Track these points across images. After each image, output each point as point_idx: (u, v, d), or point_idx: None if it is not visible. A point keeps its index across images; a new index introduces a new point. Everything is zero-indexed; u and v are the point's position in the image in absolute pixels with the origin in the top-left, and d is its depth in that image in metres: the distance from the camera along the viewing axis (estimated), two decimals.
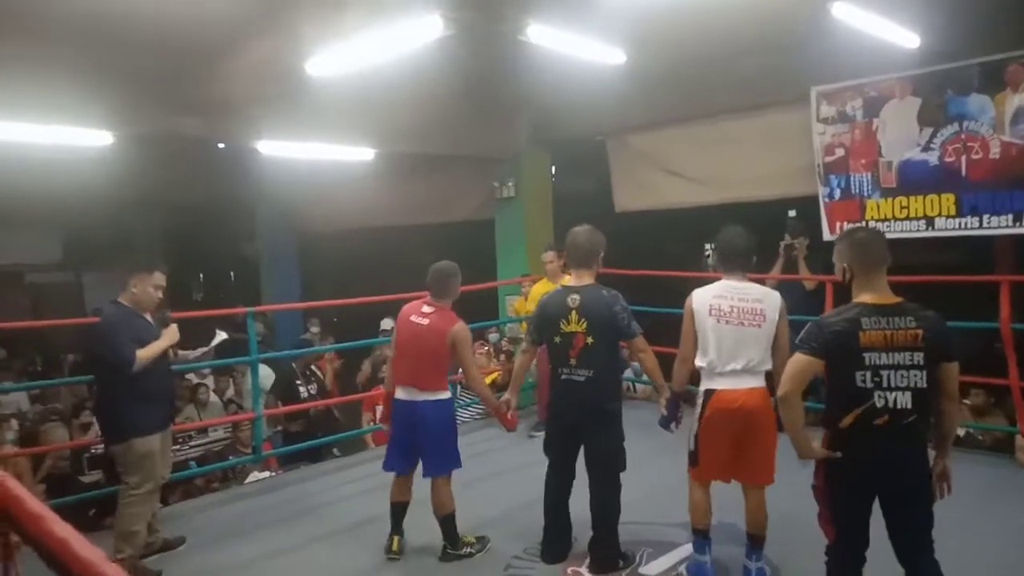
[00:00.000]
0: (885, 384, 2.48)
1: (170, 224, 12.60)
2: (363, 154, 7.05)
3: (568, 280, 3.79)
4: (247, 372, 6.09)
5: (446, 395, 3.76)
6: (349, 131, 6.30)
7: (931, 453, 2.66)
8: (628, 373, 6.71)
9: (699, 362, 3.24)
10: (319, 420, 6.14)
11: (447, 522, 3.75)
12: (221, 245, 13.37)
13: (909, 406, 2.48)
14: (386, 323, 7.80)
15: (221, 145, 7.09)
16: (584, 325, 3.39)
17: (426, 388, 3.67)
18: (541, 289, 5.47)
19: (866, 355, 2.48)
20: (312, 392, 6.23)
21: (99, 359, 3.70)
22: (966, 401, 5.39)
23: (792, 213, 5.92)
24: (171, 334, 3.83)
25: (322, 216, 10.90)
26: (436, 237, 9.43)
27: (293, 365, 5.58)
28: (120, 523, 3.67)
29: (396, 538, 3.81)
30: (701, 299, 3.24)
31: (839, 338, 2.50)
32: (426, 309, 3.75)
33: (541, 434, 3.95)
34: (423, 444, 3.69)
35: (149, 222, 12.39)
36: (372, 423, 6.44)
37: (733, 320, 3.15)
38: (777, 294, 3.26)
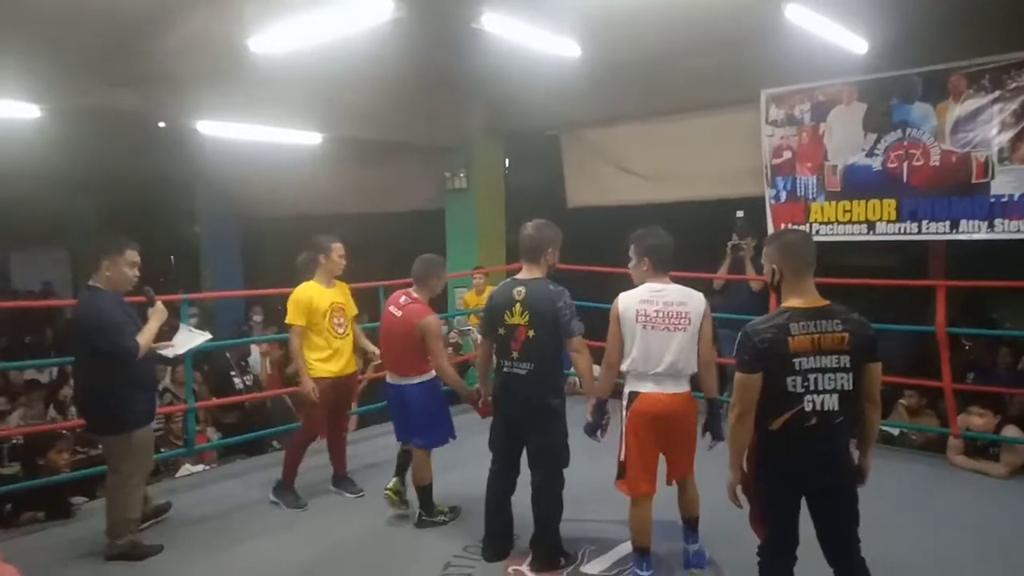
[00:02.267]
0: (813, 387, 2.50)
1: (104, 202, 12.05)
2: (309, 138, 6.84)
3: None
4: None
5: (429, 376, 3.92)
6: (294, 113, 6.10)
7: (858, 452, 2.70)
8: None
9: (624, 365, 3.22)
10: (255, 412, 5.94)
11: (424, 492, 3.98)
12: (160, 227, 12.87)
13: (836, 408, 2.51)
14: None
15: (161, 124, 6.77)
16: (527, 318, 3.34)
17: (407, 374, 3.93)
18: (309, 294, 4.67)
19: (796, 360, 2.49)
20: (248, 383, 6.03)
21: (96, 350, 3.49)
22: (902, 401, 5.54)
23: (740, 214, 5.98)
24: (159, 313, 3.73)
25: (267, 201, 10.58)
26: (386, 226, 9.26)
27: (228, 356, 5.37)
28: (115, 512, 3.67)
29: (395, 479, 4.12)
30: (627, 304, 3.21)
31: (771, 346, 2.50)
32: (403, 300, 3.96)
33: None
34: (412, 421, 3.97)
35: (82, 200, 11.82)
36: None
37: (659, 325, 3.14)
38: (700, 295, 3.24)
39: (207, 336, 4.20)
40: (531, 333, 3.33)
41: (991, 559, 3.53)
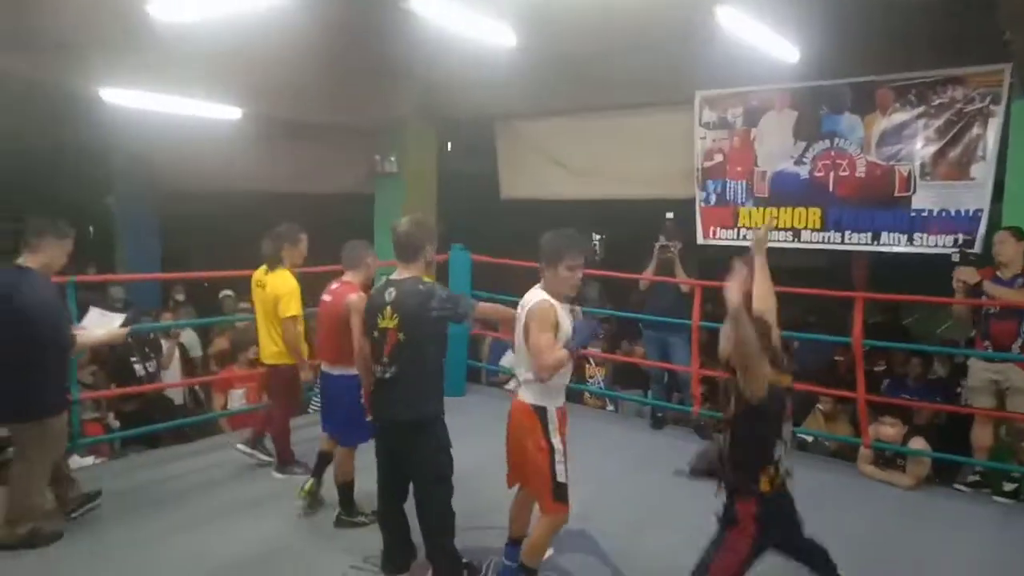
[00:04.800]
0: None
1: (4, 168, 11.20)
2: (227, 112, 6.47)
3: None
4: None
5: (352, 371, 3.70)
6: (206, 85, 5.74)
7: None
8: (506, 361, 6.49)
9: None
10: (156, 401, 5.61)
11: (344, 490, 3.91)
12: (69, 199, 12.09)
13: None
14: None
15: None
16: (396, 321, 3.17)
17: (334, 362, 3.92)
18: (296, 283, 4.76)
19: None
20: (151, 370, 5.68)
21: (34, 335, 3.43)
22: (819, 406, 5.61)
23: (669, 215, 5.94)
24: (115, 334, 3.96)
25: (189, 175, 10.06)
26: (314, 208, 8.92)
27: (130, 340, 5.03)
28: (18, 499, 3.55)
29: (311, 480, 4.07)
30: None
31: None
32: (333, 286, 3.99)
33: None
34: (331, 414, 3.98)
35: None
36: (225, 407, 6.06)
37: (520, 330, 3.12)
38: (540, 296, 3.10)
39: (120, 318, 4.06)
40: (401, 337, 3.15)
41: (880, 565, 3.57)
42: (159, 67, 5.24)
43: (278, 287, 4.41)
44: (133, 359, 5.52)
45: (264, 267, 4.55)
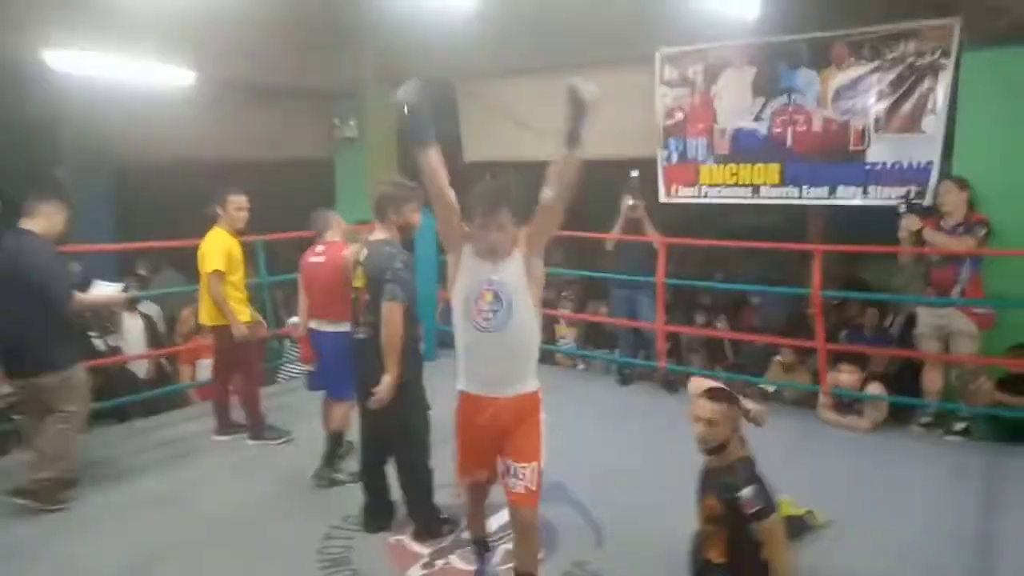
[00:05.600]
0: None
1: None
2: (180, 76, 6.28)
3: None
4: None
5: (344, 327, 3.73)
6: (155, 47, 5.53)
7: None
8: None
9: None
10: (120, 376, 5.53)
11: (332, 440, 4.01)
12: (20, 170, 11.64)
13: None
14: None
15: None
16: (364, 281, 3.27)
17: (330, 317, 3.94)
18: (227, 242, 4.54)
19: None
20: (112, 344, 5.59)
21: (42, 293, 3.61)
22: (777, 358, 5.80)
23: (634, 173, 5.98)
24: (115, 297, 4.41)
25: (142, 145, 9.75)
26: (272, 176, 8.76)
27: (87, 315, 4.94)
28: (51, 446, 3.68)
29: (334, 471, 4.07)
30: None
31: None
32: (319, 248, 4.13)
33: None
34: (325, 369, 4.01)
35: None
36: (192, 379, 6.00)
37: None
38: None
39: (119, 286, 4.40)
40: (367, 297, 3.24)
41: (848, 502, 3.75)
42: (107, 28, 5.04)
43: (204, 245, 4.50)
44: (92, 334, 5.41)
45: None
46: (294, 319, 4.27)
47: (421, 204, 3.40)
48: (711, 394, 2.49)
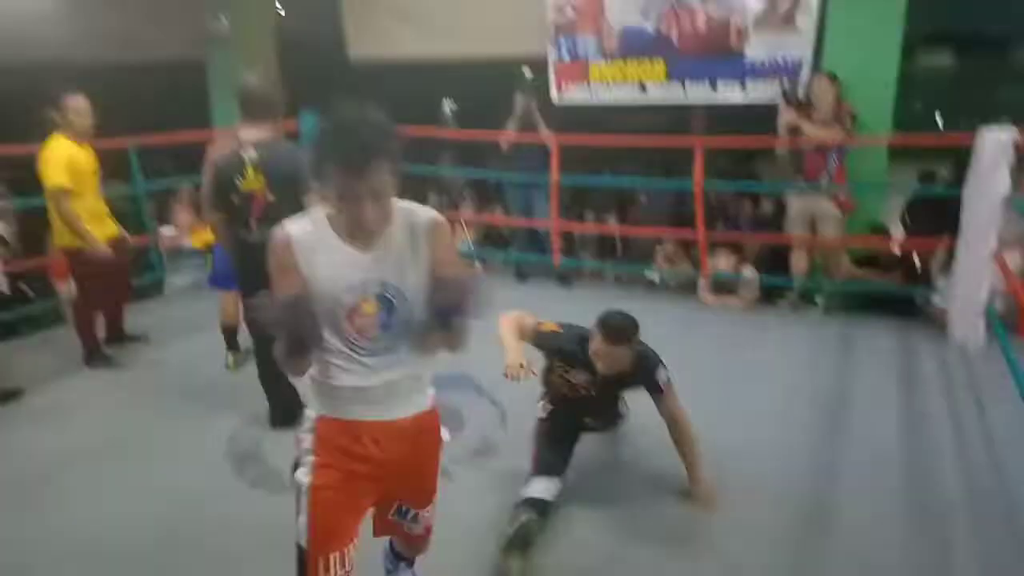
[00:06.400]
0: None
1: None
2: None
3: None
4: None
5: None
6: None
7: None
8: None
9: None
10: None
11: (225, 332, 4.22)
12: None
13: None
14: None
15: None
16: (262, 181, 3.15)
17: None
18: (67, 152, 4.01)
19: None
20: None
21: None
22: (662, 248, 6.13)
23: (527, 70, 5.97)
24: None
25: None
26: (141, 79, 8.11)
27: None
28: None
29: (231, 354, 4.26)
30: None
31: None
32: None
33: None
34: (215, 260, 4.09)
35: None
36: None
37: None
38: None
39: None
40: (270, 197, 3.16)
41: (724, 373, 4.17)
42: None
43: (41, 158, 3.91)
44: None
45: None
46: (166, 228, 4.12)
47: None
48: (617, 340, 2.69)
